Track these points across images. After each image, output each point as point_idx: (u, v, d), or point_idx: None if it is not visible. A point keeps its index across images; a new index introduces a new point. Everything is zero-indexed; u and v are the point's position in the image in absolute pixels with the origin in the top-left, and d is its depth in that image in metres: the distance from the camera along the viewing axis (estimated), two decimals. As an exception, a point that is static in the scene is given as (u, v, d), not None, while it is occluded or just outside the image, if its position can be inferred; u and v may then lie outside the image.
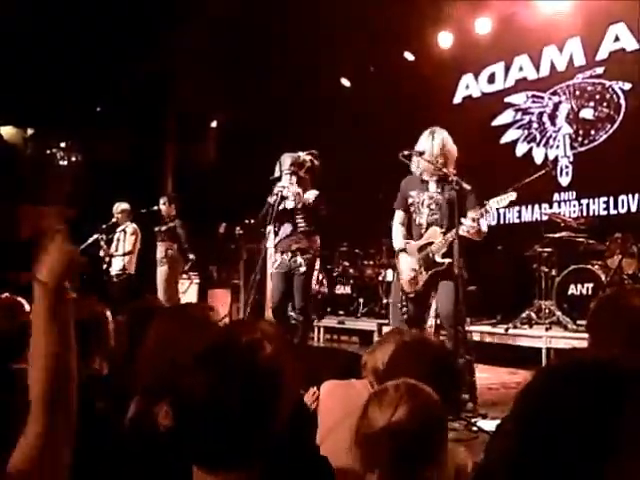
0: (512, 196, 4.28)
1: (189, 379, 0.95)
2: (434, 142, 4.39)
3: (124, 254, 7.60)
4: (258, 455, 0.98)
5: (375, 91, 9.36)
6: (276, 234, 5.29)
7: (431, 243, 4.38)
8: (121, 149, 10.02)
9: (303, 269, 5.11)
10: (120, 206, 7.74)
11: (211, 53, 8.94)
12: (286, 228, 5.22)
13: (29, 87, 8.99)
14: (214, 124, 11.47)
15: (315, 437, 1.71)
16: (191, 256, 7.77)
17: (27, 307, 2.55)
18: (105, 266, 7.72)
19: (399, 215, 4.60)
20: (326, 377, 2.40)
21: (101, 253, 7.63)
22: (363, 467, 1.29)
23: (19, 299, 2.66)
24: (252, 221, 9.60)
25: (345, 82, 9.81)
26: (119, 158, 9.94)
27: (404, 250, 4.53)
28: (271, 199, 5.13)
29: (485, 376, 5.26)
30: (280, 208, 5.13)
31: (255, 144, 9.70)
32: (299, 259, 5.12)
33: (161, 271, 7.67)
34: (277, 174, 5.36)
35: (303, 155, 5.28)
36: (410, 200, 4.47)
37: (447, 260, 4.28)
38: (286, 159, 5.40)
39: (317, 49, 8.75)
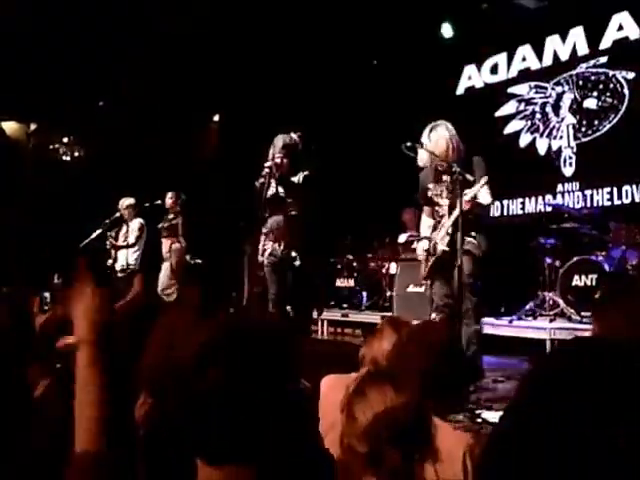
0: (484, 180, 4.26)
1: (195, 372, 0.95)
2: (431, 140, 4.44)
3: (127, 247, 7.62)
4: (262, 449, 0.98)
5: (377, 83, 9.33)
6: (265, 220, 5.15)
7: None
8: (123, 143, 10.01)
9: (298, 262, 5.03)
10: (126, 201, 7.74)
11: (211, 47, 8.91)
12: (277, 215, 5.10)
13: (31, 82, 8.99)
14: (216, 118, 11.45)
15: (317, 431, 1.70)
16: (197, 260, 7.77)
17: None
18: (111, 261, 7.74)
19: (425, 209, 4.71)
20: (330, 370, 2.40)
21: (107, 245, 7.64)
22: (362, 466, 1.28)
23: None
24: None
25: (348, 73, 9.76)
26: (120, 153, 9.94)
27: (425, 239, 4.63)
28: (258, 182, 5.00)
29: (489, 368, 5.25)
30: (270, 193, 5.02)
31: (257, 137, 9.69)
32: (293, 252, 5.04)
33: (165, 266, 7.69)
34: (271, 157, 5.23)
35: (295, 136, 5.15)
36: (429, 193, 4.54)
37: (444, 248, 4.33)
38: (278, 140, 5.27)
39: (318, 42, 8.72)
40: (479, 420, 3.57)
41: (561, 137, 7.80)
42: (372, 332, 2.24)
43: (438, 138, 4.43)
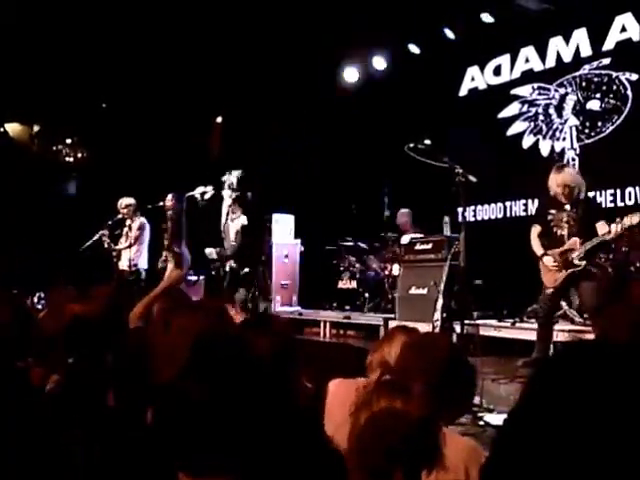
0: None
1: (177, 388, 0.95)
2: (559, 176, 5.31)
3: (125, 248, 7.61)
4: (244, 459, 0.97)
5: (380, 83, 9.33)
6: None
7: (572, 250, 5.21)
8: (126, 145, 10.03)
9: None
10: (124, 201, 7.71)
11: (213, 48, 8.92)
12: None
13: (35, 84, 9.01)
14: (219, 119, 11.46)
15: (322, 435, 1.70)
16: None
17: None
18: (115, 260, 7.73)
19: (537, 228, 5.53)
20: (334, 372, 2.39)
21: (105, 245, 7.64)
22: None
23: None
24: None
25: (350, 75, 9.75)
26: (123, 154, 9.96)
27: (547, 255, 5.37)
28: None
29: (492, 370, 5.25)
30: None
31: (258, 139, 9.71)
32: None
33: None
34: None
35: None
36: (549, 217, 5.40)
37: (579, 263, 5.13)
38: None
39: (320, 43, 8.71)
40: (481, 423, 3.57)
41: (564, 139, 7.79)
42: (381, 338, 2.23)
43: (565, 177, 5.31)
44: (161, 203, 7.71)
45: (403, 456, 1.24)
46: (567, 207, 5.33)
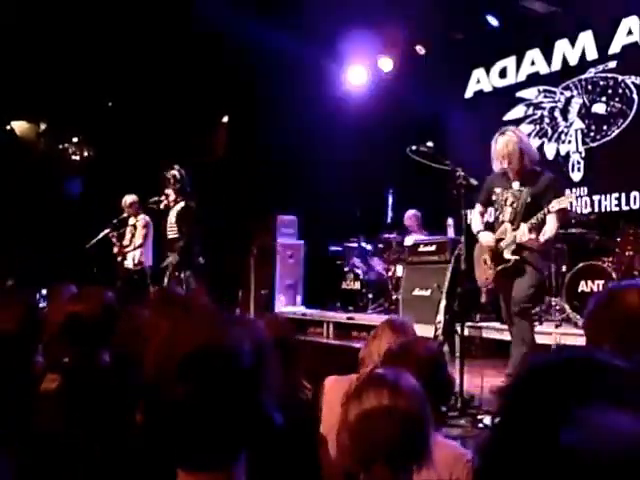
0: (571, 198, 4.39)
1: (166, 386, 0.96)
2: (498, 143, 4.47)
3: (135, 248, 7.62)
4: (239, 455, 0.98)
5: (385, 84, 9.33)
6: None
7: (502, 239, 4.44)
8: (132, 143, 10.06)
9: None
10: (128, 199, 7.71)
11: (219, 46, 8.94)
12: None
13: (41, 82, 9.05)
14: (225, 119, 11.47)
15: (314, 434, 1.71)
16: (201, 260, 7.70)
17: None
18: (120, 259, 7.73)
19: (479, 208, 4.70)
20: (334, 372, 2.41)
21: (115, 250, 7.63)
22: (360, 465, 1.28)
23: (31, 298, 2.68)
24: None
25: (355, 76, 9.75)
26: (129, 152, 9.99)
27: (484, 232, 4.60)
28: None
29: (493, 373, 5.24)
30: None
31: (263, 139, 9.72)
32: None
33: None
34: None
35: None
36: (494, 197, 4.52)
37: (515, 257, 4.33)
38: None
39: (323, 45, 8.73)
40: (481, 425, 3.58)
41: (569, 142, 7.78)
42: (371, 334, 2.25)
43: (506, 142, 4.41)
44: (165, 201, 7.70)
45: (393, 453, 1.25)
46: (515, 184, 4.41)
